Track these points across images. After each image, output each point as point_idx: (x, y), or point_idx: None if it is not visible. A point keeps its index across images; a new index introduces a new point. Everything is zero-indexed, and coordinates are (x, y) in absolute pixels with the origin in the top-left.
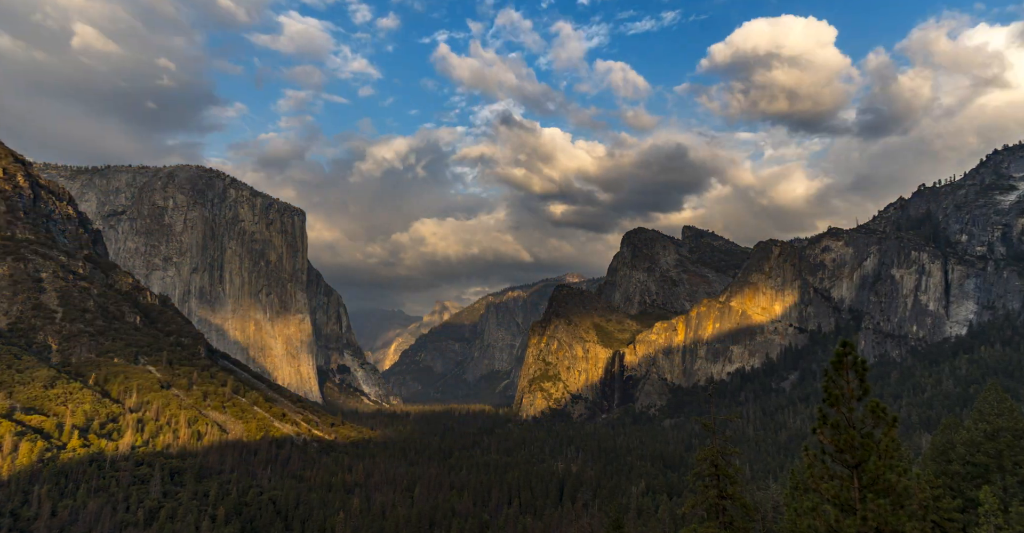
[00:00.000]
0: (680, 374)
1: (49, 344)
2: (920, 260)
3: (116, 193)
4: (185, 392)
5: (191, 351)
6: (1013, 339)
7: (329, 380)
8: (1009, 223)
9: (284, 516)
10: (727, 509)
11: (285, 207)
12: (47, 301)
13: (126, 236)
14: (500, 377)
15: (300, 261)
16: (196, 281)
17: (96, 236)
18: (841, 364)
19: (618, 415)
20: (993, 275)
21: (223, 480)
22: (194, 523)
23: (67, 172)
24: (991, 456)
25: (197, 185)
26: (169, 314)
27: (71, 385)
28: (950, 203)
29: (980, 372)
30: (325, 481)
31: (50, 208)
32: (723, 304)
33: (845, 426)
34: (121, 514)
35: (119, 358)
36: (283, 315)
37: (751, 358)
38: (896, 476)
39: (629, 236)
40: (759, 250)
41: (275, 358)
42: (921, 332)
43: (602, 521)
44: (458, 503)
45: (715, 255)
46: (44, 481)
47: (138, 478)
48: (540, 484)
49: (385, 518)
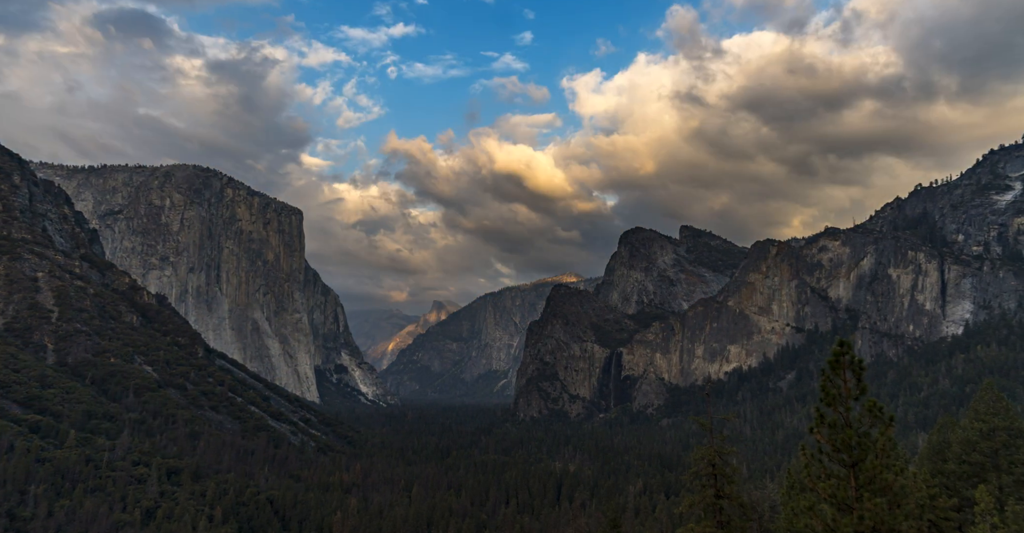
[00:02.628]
0: (677, 374)
1: (45, 344)
2: (917, 260)
3: (113, 192)
4: (182, 392)
5: (188, 351)
6: (1009, 339)
7: (327, 380)
8: (1005, 223)
9: (281, 516)
10: (724, 508)
11: (282, 207)
12: (43, 300)
13: (123, 235)
14: (498, 377)
15: (297, 261)
16: (193, 280)
17: (93, 235)
18: (838, 363)
19: (615, 414)
20: (989, 275)
21: (220, 480)
22: (191, 523)
23: (63, 171)
24: (987, 455)
25: (194, 184)
26: (166, 314)
27: (68, 384)
28: (946, 203)
29: (976, 371)
30: (322, 481)
31: (46, 207)
32: (720, 304)
33: (842, 425)
34: (118, 514)
35: (116, 357)
36: (280, 315)
37: (748, 358)
38: (893, 475)
39: (627, 236)
40: (756, 250)
41: (272, 358)
42: (918, 332)
43: (600, 520)
44: (455, 503)
45: (712, 255)
46: (41, 481)
47: (135, 478)
48: (538, 484)
49: (382, 518)
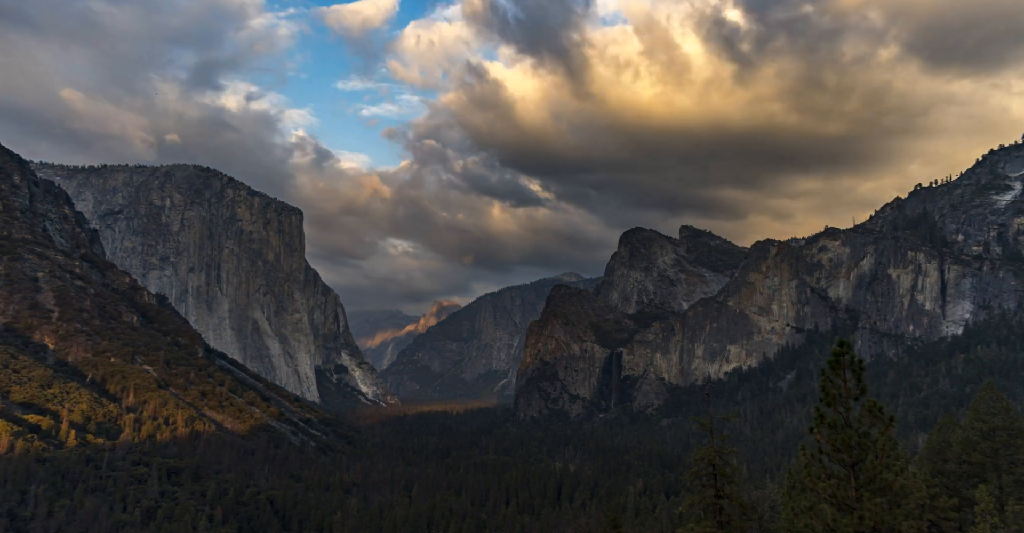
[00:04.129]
0: (677, 374)
1: (46, 343)
2: (916, 260)
3: (113, 192)
4: (182, 391)
5: (188, 351)
6: (1009, 339)
7: (327, 380)
8: (1005, 223)
9: (282, 516)
10: (724, 508)
11: (283, 206)
12: (44, 300)
13: (123, 235)
14: (498, 377)
15: (298, 261)
16: (193, 280)
17: (93, 235)
18: (838, 363)
19: (616, 414)
20: (989, 275)
21: (220, 480)
22: (191, 523)
23: (64, 171)
24: (987, 455)
25: (194, 184)
26: (166, 314)
27: (68, 384)
28: (946, 203)
29: (976, 371)
30: (323, 481)
31: (47, 207)
32: (720, 304)
33: (842, 425)
34: (118, 513)
35: (116, 357)
36: (280, 315)
37: (748, 358)
38: (893, 475)
39: (627, 236)
40: (756, 250)
41: (272, 358)
42: (917, 332)
43: (600, 520)
44: (456, 503)
45: (712, 255)
46: (41, 480)
47: (135, 477)
48: (538, 484)
49: (383, 518)
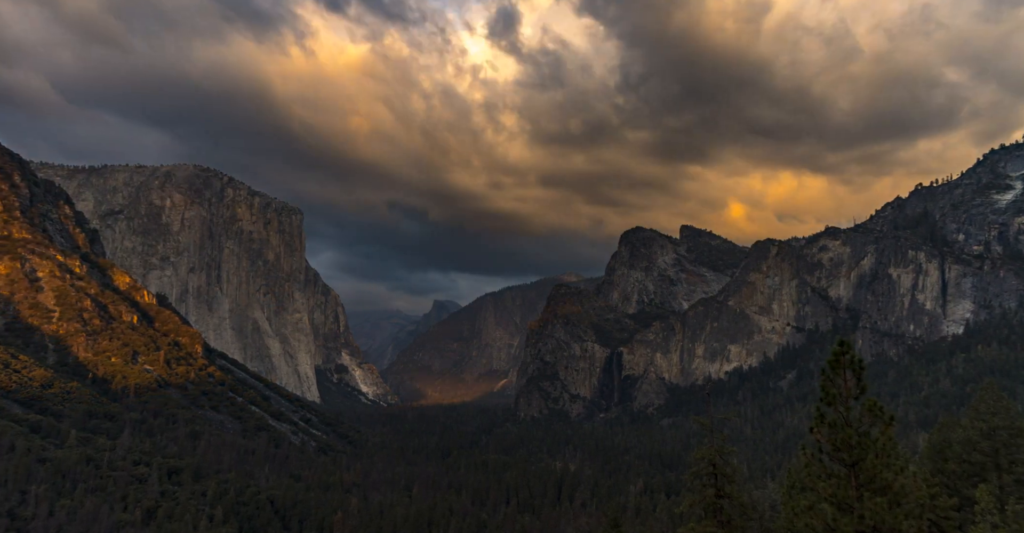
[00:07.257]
0: (678, 373)
1: (46, 343)
2: (917, 259)
3: (113, 192)
4: (182, 392)
5: (188, 350)
6: (1010, 338)
7: (327, 379)
8: (1006, 222)
9: (282, 515)
10: (724, 508)
11: (283, 206)
12: (44, 300)
13: (123, 235)
14: (498, 376)
15: (298, 260)
16: (194, 280)
17: (93, 235)
18: (838, 363)
19: (616, 414)
20: (990, 274)
21: (221, 479)
22: (192, 522)
23: (64, 171)
24: (987, 455)
25: (194, 184)
26: (167, 313)
27: (69, 384)
28: (947, 202)
29: (977, 371)
30: (323, 480)
31: (47, 207)
32: (721, 303)
33: (842, 425)
34: (119, 513)
35: (116, 357)
36: (280, 314)
37: (749, 357)
38: (893, 474)
39: (627, 235)
40: (757, 249)
41: (272, 358)
42: (918, 331)
43: (600, 520)
44: (456, 502)
45: (713, 254)
46: (41, 480)
47: (136, 477)
48: (538, 483)
49: (383, 517)
